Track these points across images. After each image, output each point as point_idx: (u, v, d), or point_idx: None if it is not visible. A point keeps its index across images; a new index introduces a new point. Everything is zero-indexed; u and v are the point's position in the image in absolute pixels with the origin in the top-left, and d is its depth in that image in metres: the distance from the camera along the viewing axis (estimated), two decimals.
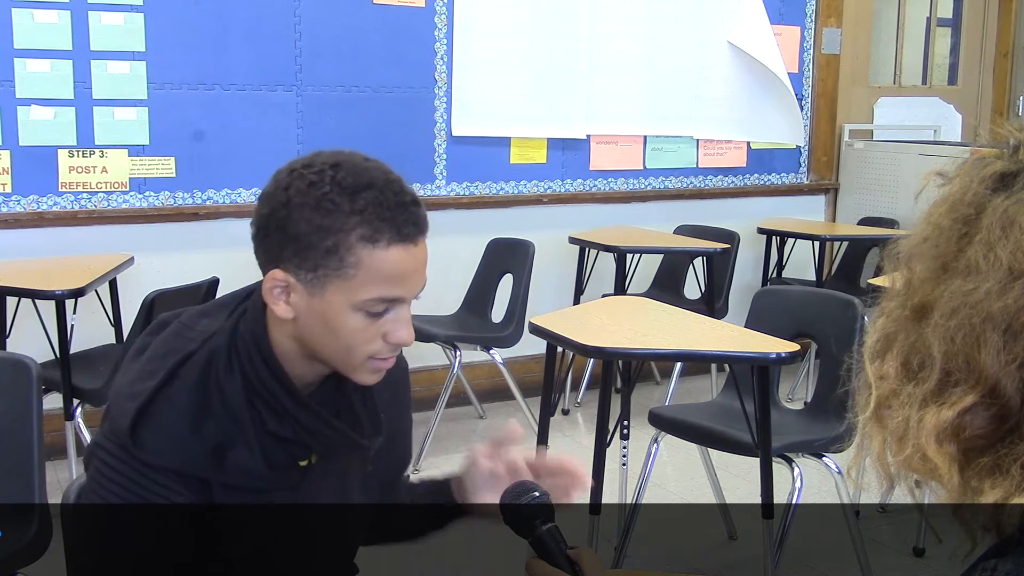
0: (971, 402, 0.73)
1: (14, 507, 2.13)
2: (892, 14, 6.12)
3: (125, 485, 1.26)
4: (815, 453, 2.91)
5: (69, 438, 3.47)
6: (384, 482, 1.52)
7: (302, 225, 1.21)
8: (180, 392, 1.27)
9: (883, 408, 0.79)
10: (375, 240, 1.21)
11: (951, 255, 0.76)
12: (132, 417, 1.25)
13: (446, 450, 4.18)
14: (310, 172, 1.22)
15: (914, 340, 0.77)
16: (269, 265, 1.25)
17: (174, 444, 1.26)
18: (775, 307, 3.23)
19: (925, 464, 0.75)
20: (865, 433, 0.80)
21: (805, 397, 4.66)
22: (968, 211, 0.76)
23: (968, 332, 0.73)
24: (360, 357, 1.27)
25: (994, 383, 0.72)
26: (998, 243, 0.73)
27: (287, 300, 1.25)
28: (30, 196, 3.91)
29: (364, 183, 1.21)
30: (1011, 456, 0.71)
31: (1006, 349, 0.71)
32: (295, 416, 1.29)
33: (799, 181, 5.60)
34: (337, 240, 1.20)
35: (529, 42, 4.74)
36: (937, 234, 0.78)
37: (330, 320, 1.24)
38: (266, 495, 1.33)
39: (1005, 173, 0.76)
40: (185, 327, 1.33)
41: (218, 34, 4.14)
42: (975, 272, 0.73)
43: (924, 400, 0.75)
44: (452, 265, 4.56)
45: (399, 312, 1.27)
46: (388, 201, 1.21)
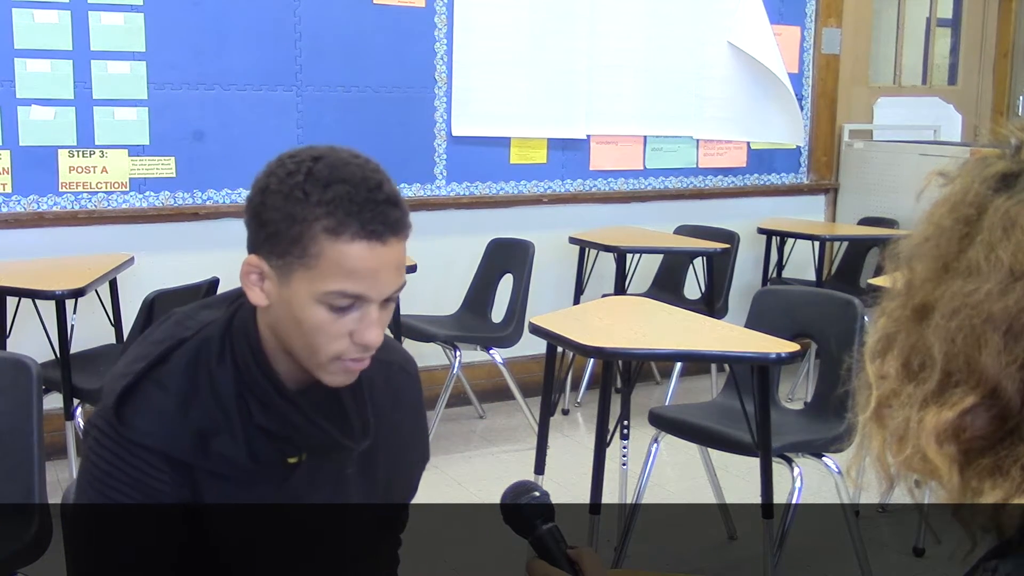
0: (972, 403, 0.73)
1: (14, 507, 2.13)
2: (892, 14, 6.12)
3: (112, 461, 1.28)
4: (815, 453, 2.91)
5: (69, 438, 3.47)
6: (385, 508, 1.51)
7: (273, 212, 1.22)
8: (170, 375, 1.29)
9: (883, 408, 0.79)
10: (338, 232, 1.20)
11: (952, 255, 0.76)
12: (118, 395, 1.28)
13: (446, 450, 4.18)
14: (292, 162, 1.24)
15: (915, 340, 0.77)
16: (249, 251, 1.27)
17: (159, 425, 1.28)
18: (775, 307, 3.23)
19: (925, 465, 0.75)
20: (865, 433, 0.80)
21: (805, 397, 4.65)
22: (970, 211, 0.76)
23: (969, 333, 0.72)
24: (325, 355, 1.26)
25: (995, 384, 0.72)
26: (999, 244, 0.72)
27: (262, 287, 1.27)
28: (30, 196, 3.91)
29: (338, 177, 1.22)
30: (1011, 457, 0.71)
31: (1007, 350, 0.71)
32: (280, 410, 1.29)
33: (799, 181, 5.60)
34: (302, 229, 1.21)
35: (529, 42, 4.74)
36: (938, 234, 0.77)
37: (295, 311, 1.24)
38: (250, 488, 1.33)
39: (1007, 173, 0.76)
40: (185, 316, 1.36)
41: (218, 34, 4.14)
42: (976, 273, 0.73)
43: (925, 401, 0.75)
44: (452, 265, 4.56)
45: (365, 311, 1.25)
46: (358, 197, 1.21)
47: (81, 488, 1.32)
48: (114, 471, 1.28)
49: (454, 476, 3.91)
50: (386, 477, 1.48)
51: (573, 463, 3.96)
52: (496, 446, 4.32)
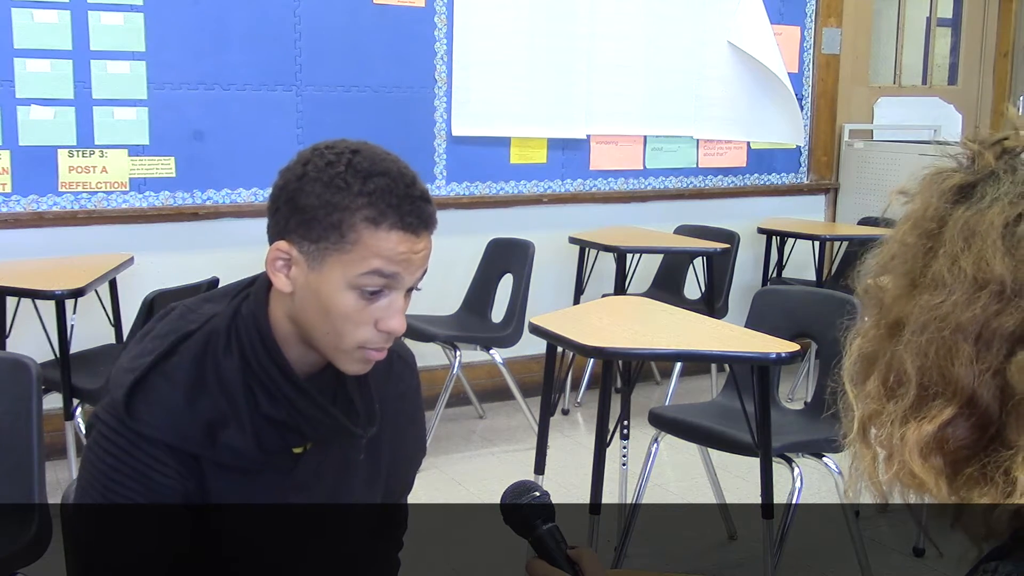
0: (950, 415, 0.73)
1: (14, 507, 2.13)
2: (892, 14, 6.13)
3: (119, 455, 1.28)
4: (815, 453, 2.91)
5: (69, 438, 3.47)
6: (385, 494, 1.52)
7: (312, 199, 1.25)
8: (177, 368, 1.30)
9: (868, 428, 0.80)
10: (378, 222, 1.24)
11: (918, 271, 0.77)
12: (128, 388, 1.29)
13: (446, 450, 4.18)
14: (331, 152, 1.27)
15: (889, 358, 0.78)
16: (275, 237, 1.29)
17: (168, 417, 1.29)
18: (775, 307, 3.23)
19: (913, 479, 0.75)
20: (854, 454, 0.81)
21: (805, 397, 4.66)
22: (931, 226, 0.77)
23: (940, 345, 0.73)
24: (350, 342, 1.28)
25: (970, 393, 0.73)
26: (961, 255, 0.73)
27: (287, 274, 1.28)
28: (30, 196, 3.91)
29: (378, 170, 1.26)
30: (994, 464, 0.72)
31: (979, 358, 0.72)
32: (290, 399, 1.30)
33: (799, 181, 5.60)
34: (342, 217, 1.24)
35: (529, 42, 4.74)
36: (903, 251, 0.79)
37: (324, 297, 1.26)
38: (256, 478, 1.34)
39: (963, 185, 0.77)
40: (189, 310, 1.37)
41: (218, 34, 4.14)
42: (942, 285, 0.74)
43: (904, 417, 0.76)
44: (452, 265, 4.56)
45: (393, 299, 1.28)
46: (398, 190, 1.26)
47: (84, 483, 1.32)
48: (119, 465, 1.28)
49: (454, 476, 3.91)
50: (389, 465, 1.49)
51: (573, 463, 3.96)
52: (496, 446, 4.32)
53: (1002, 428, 0.72)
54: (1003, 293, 0.72)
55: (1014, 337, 0.71)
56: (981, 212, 0.74)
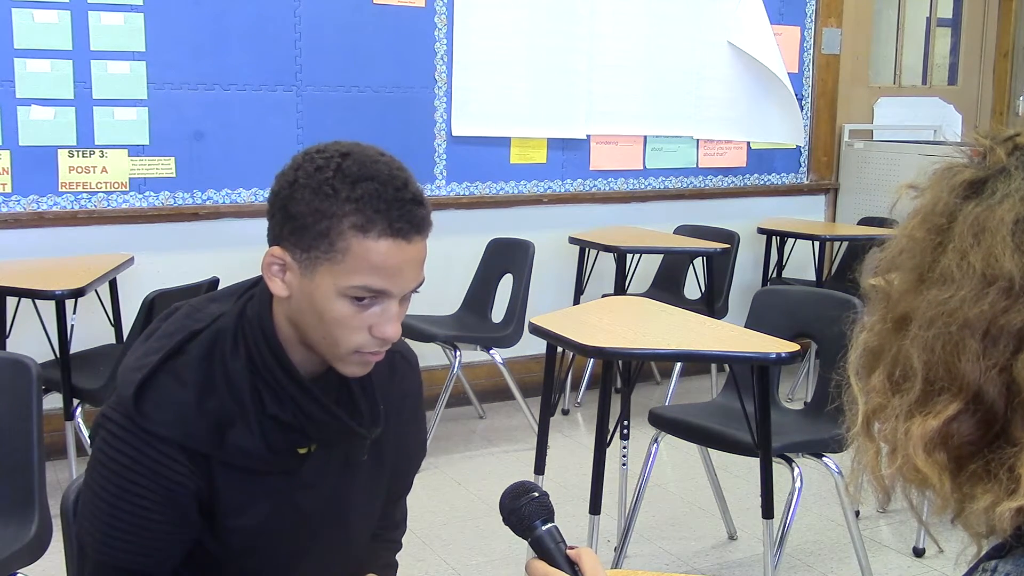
0: (956, 410, 0.73)
1: (14, 507, 2.13)
2: (892, 14, 6.12)
3: (129, 453, 1.28)
4: (815, 453, 2.91)
5: (69, 438, 3.47)
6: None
7: (301, 206, 1.24)
8: (185, 367, 1.30)
9: (872, 422, 0.79)
10: (366, 230, 1.23)
11: (927, 266, 0.77)
12: (136, 386, 1.28)
13: (446, 450, 4.18)
14: (320, 157, 1.26)
15: (896, 352, 0.77)
16: (271, 243, 1.29)
17: (177, 416, 1.29)
18: (775, 307, 3.23)
19: (916, 474, 0.75)
20: (857, 448, 0.81)
21: (805, 397, 4.66)
22: (940, 221, 0.77)
23: (947, 340, 0.73)
24: (346, 347, 1.29)
25: (976, 389, 0.72)
26: (971, 250, 0.73)
27: (283, 279, 1.29)
28: (30, 196, 3.91)
29: (367, 175, 1.24)
30: (998, 461, 0.72)
31: (985, 355, 0.72)
32: (295, 400, 1.31)
33: (799, 181, 5.60)
34: (330, 224, 1.23)
35: (529, 42, 4.74)
36: (912, 246, 0.79)
37: (317, 303, 1.26)
38: (263, 478, 1.35)
39: (974, 180, 0.77)
40: (194, 309, 1.37)
41: (218, 34, 4.14)
42: (950, 280, 0.74)
43: (909, 411, 0.76)
44: (452, 265, 4.56)
45: (386, 306, 1.28)
46: (386, 195, 1.24)
47: (96, 482, 1.31)
48: (133, 464, 1.28)
49: (454, 476, 3.91)
50: (392, 464, 1.49)
51: (573, 463, 3.96)
52: (496, 446, 4.32)
53: (1007, 425, 0.72)
54: (1011, 290, 0.71)
55: (1021, 334, 0.71)
56: (991, 208, 0.74)
